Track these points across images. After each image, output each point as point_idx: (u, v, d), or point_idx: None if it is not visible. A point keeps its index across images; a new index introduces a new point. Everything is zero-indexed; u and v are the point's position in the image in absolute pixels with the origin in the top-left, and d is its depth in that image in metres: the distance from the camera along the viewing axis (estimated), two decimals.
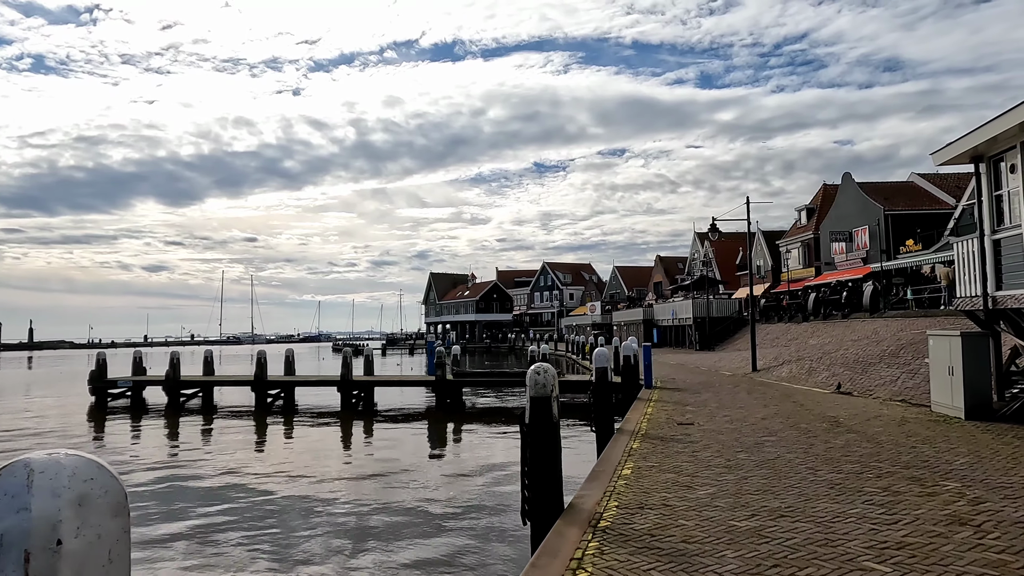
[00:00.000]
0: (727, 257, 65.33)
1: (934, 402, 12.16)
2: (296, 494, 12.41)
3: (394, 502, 11.73)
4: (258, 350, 25.76)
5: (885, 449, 8.71)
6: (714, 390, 18.04)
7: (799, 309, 38.17)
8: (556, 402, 6.76)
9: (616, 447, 9.60)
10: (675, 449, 9.21)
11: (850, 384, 17.28)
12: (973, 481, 6.77)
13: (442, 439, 19.56)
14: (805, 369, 21.29)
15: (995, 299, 10.68)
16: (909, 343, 18.34)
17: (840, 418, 11.85)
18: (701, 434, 10.47)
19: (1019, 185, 10.00)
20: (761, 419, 11.99)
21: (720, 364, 29.11)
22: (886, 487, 6.63)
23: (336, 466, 15.14)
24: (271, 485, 13.18)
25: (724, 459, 8.38)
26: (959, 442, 9.02)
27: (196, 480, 13.89)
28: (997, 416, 10.85)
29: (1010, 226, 10.35)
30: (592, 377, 11.75)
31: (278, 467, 14.97)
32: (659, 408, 14.11)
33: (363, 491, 12.62)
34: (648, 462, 8.36)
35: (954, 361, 11.22)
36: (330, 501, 11.86)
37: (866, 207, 43.45)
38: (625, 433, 10.97)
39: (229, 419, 23.62)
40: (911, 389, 14.75)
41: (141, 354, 28.54)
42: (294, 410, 24.82)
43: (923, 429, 10.25)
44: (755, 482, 7.03)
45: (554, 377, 6.78)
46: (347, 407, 23.51)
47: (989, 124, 10.17)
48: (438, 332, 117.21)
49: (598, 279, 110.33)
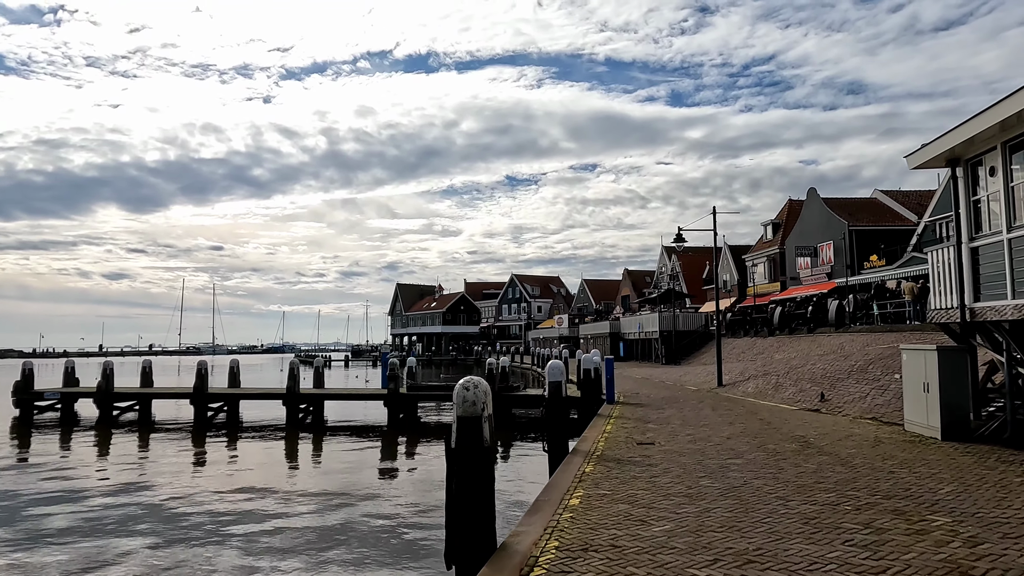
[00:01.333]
0: (694, 271, 65.30)
1: (907, 421, 11.44)
2: (210, 514, 11.12)
3: (310, 527, 10.52)
4: (198, 360, 24.21)
5: (861, 474, 7.87)
6: (678, 406, 17.21)
7: (765, 323, 37.83)
8: (489, 423, 5.75)
9: (567, 471, 8.62)
10: (632, 473, 8.25)
11: (817, 402, 16.60)
12: (964, 515, 5.92)
13: (390, 457, 18.33)
14: (771, 384, 20.63)
15: (973, 311, 10.00)
16: (877, 358, 17.77)
17: (810, 438, 11.05)
18: (662, 455, 9.54)
19: (999, 189, 9.36)
20: (726, 438, 11.13)
21: (685, 378, 28.42)
22: (867, 522, 5.75)
23: (263, 485, 13.83)
24: (189, 507, 11.85)
25: (685, 486, 7.45)
26: (940, 466, 8.23)
27: (111, 499, 12.48)
28: (975, 436, 10.14)
29: (989, 233, 9.69)
30: (545, 391, 10.76)
31: (207, 487, 13.62)
32: (619, 425, 13.19)
33: (276, 515, 11.37)
34: (600, 489, 7.38)
35: (930, 377, 10.51)
36: (233, 522, 10.60)
37: (831, 222, 43.54)
38: (579, 454, 10.00)
39: (166, 434, 22.04)
40: (882, 406, 14.08)
41: (73, 364, 26.58)
42: (238, 425, 23.33)
43: (899, 451, 9.47)
44: (719, 515, 6.10)
45: (486, 393, 5.77)
46: (293, 422, 22.11)
47: (966, 124, 9.53)
48: (404, 344, 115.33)
49: (567, 292, 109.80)
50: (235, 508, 11.99)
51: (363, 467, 16.48)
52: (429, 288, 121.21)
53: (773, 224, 53.02)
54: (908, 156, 10.96)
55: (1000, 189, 9.32)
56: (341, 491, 13.29)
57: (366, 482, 14.44)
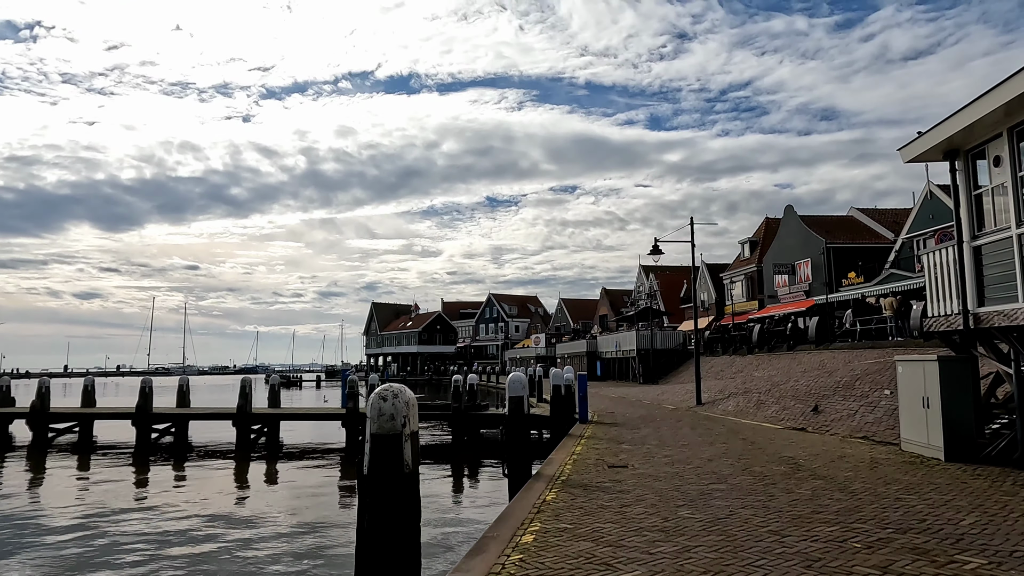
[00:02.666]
0: (672, 290, 64.65)
1: (904, 439, 10.40)
2: (130, 543, 9.68)
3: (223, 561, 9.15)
4: (142, 379, 22.57)
5: (864, 502, 6.76)
6: (655, 425, 16.07)
7: (744, 341, 37.02)
8: (412, 442, 4.54)
9: (524, 500, 7.40)
10: (599, 502, 7.06)
11: (803, 420, 15.57)
12: (1000, 554, 4.82)
13: (349, 478, 16.89)
14: (753, 402, 19.60)
15: (977, 316, 9.04)
16: (864, 373, 16.83)
17: (799, 459, 9.95)
18: (635, 480, 8.37)
19: (1006, 180, 8.45)
20: (707, 460, 10.00)
21: (663, 397, 27.34)
22: (885, 565, 4.62)
23: (193, 511, 12.37)
24: (108, 536, 10.38)
25: (661, 518, 6.27)
26: (951, 492, 7.16)
27: (35, 529, 10.94)
28: (981, 457, 9.13)
29: (994, 229, 8.76)
30: (505, 409, 9.55)
31: (138, 515, 12.12)
32: (590, 446, 12.00)
33: (192, 551, 9.97)
34: (560, 523, 6.18)
35: (930, 391, 9.50)
36: (149, 557, 9.20)
37: (808, 240, 43.12)
38: (542, 479, 8.78)
39: (107, 457, 20.35)
40: (872, 424, 13.07)
41: (8, 383, 24.73)
42: (185, 447, 21.69)
43: (900, 473, 8.40)
44: (701, 556, 4.93)
45: (408, 405, 4.57)
46: (244, 444, 20.54)
47: (966, 109, 8.64)
48: (379, 364, 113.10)
49: (544, 311, 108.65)
50: (158, 537, 10.54)
51: (316, 493, 15.03)
52: (405, 307, 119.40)
53: (750, 242, 52.58)
54: (902, 148, 10.06)
55: (1007, 180, 8.40)
56: (276, 521, 11.88)
57: (315, 510, 13.03)
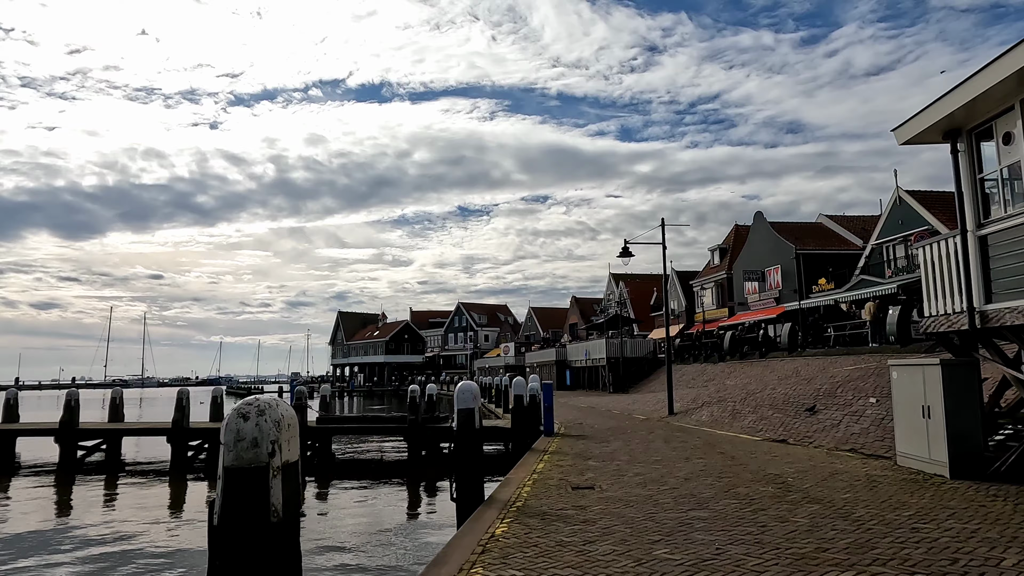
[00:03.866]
0: (642, 298, 63.97)
1: (900, 454, 9.36)
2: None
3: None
4: (67, 392, 20.68)
5: (875, 534, 5.62)
6: (625, 437, 14.90)
7: (715, 348, 36.24)
8: (285, 477, 3.24)
9: (469, 536, 6.10)
10: (558, 538, 5.80)
11: (783, 430, 14.54)
12: None
13: None
14: (728, 412, 18.57)
15: (984, 315, 8.04)
16: (845, 380, 15.90)
17: (787, 477, 8.82)
18: (602, 506, 7.13)
19: (1019, 160, 7.47)
20: (684, 479, 8.82)
21: (634, 407, 26.25)
22: None
23: (114, 533, 10.77)
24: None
25: (632, 559, 5.04)
26: (974, 519, 6.06)
27: None
28: (989, 472, 8.10)
29: (1004, 216, 7.78)
30: (453, 423, 8.26)
31: (49, 539, 10.48)
32: (554, 463, 10.75)
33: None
34: (508, 567, 4.91)
35: (931, 399, 8.46)
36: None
37: (778, 246, 42.71)
38: (495, 505, 7.50)
39: (28, 478, 18.47)
40: (859, 435, 12.06)
41: None
42: (116, 465, 19.86)
43: (906, 495, 7.31)
44: None
45: (281, 425, 3.26)
46: (180, 462, 18.82)
47: (969, 81, 7.66)
48: (345, 375, 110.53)
49: (514, 320, 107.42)
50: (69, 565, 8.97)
51: None
52: (373, 317, 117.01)
53: (720, 249, 52.11)
54: (895, 130, 9.07)
55: (1021, 159, 7.42)
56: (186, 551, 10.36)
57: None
